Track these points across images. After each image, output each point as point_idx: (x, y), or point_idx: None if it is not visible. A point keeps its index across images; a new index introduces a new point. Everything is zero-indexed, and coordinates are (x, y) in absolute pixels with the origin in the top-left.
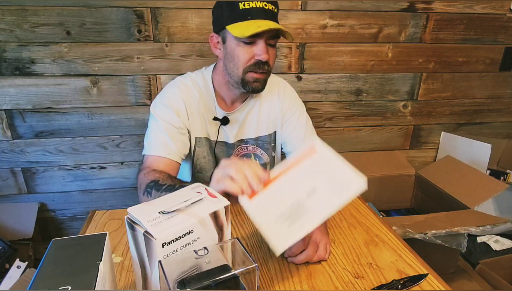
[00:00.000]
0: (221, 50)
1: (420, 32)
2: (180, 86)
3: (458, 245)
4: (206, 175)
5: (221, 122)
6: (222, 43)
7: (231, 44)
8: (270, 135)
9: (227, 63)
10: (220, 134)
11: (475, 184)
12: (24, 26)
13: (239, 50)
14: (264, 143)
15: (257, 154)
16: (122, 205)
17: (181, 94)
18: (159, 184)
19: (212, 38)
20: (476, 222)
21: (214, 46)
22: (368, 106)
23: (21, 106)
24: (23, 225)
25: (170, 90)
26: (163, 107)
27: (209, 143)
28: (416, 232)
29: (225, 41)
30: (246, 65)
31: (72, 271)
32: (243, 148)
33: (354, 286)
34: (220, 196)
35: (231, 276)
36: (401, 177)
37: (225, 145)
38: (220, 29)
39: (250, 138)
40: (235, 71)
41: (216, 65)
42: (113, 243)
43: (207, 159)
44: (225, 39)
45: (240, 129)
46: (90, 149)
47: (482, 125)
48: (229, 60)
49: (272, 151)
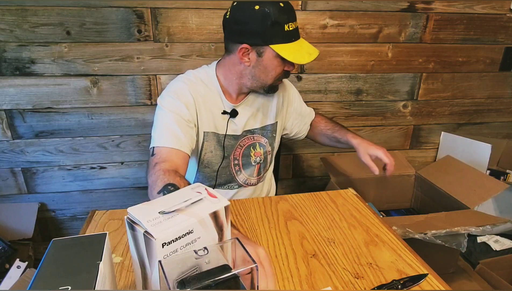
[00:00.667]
0: (251, 60)
1: (420, 32)
2: (185, 81)
3: (458, 245)
4: (213, 168)
5: (230, 115)
6: (256, 56)
7: (270, 59)
8: (273, 125)
9: (256, 72)
10: (229, 127)
11: (475, 184)
12: (24, 26)
13: (277, 65)
14: (268, 132)
15: (261, 143)
16: (122, 205)
17: (188, 88)
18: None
19: (242, 49)
20: (476, 222)
21: (243, 55)
22: (368, 106)
23: (21, 106)
24: (23, 225)
25: (177, 84)
26: (172, 99)
27: (216, 137)
28: (416, 232)
29: (261, 55)
30: (276, 78)
31: (72, 271)
32: (250, 138)
33: (354, 286)
34: (220, 196)
35: (231, 276)
36: (401, 177)
37: (233, 138)
38: (258, 44)
39: (257, 128)
40: (266, 80)
41: (221, 63)
42: (113, 243)
43: (214, 153)
44: (262, 54)
45: (249, 119)
46: (90, 149)
47: (482, 125)
48: (261, 71)
49: (273, 141)
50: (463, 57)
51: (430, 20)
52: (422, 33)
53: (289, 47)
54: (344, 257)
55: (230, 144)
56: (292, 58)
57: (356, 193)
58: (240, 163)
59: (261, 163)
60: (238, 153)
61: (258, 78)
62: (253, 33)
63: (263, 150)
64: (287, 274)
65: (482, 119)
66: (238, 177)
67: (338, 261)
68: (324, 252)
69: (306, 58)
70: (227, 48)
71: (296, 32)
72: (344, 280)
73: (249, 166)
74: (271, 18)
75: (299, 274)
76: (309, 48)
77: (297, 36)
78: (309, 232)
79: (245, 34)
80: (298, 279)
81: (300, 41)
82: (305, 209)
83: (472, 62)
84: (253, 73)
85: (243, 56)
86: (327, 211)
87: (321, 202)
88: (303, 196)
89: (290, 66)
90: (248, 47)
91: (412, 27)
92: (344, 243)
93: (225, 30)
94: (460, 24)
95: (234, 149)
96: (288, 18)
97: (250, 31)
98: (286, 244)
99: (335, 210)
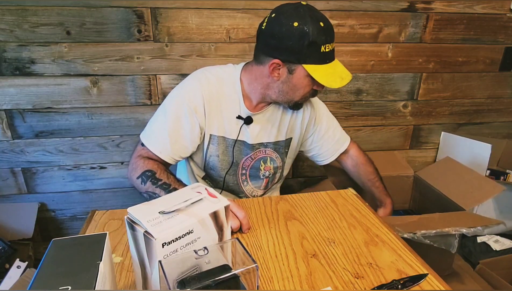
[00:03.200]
0: (281, 75)
1: (420, 32)
2: (202, 79)
3: (448, 245)
4: (218, 173)
5: (244, 121)
6: (287, 72)
7: (300, 78)
8: (286, 140)
9: (284, 88)
10: (241, 133)
11: (472, 186)
12: (24, 26)
13: (306, 84)
14: (280, 148)
15: (273, 158)
16: (122, 205)
17: (201, 88)
18: (156, 178)
19: (274, 64)
20: (468, 223)
21: (273, 70)
22: (368, 106)
23: (21, 106)
24: (23, 225)
25: (191, 83)
26: (178, 100)
27: (225, 142)
28: (405, 232)
29: (292, 73)
30: (306, 95)
31: (72, 271)
32: (262, 151)
33: (354, 286)
34: (220, 196)
35: (231, 276)
36: (399, 177)
37: (243, 144)
38: (291, 61)
39: (270, 142)
40: (293, 97)
41: (248, 68)
42: (113, 243)
43: (221, 157)
44: (293, 71)
45: (262, 131)
46: (90, 149)
47: (482, 125)
48: (289, 88)
49: (284, 156)
50: (463, 57)
51: (430, 20)
52: (422, 33)
53: (322, 69)
54: (344, 257)
55: (240, 151)
56: (324, 81)
57: (356, 193)
58: (247, 173)
59: (270, 177)
60: (247, 164)
61: (286, 94)
62: (288, 50)
63: (273, 165)
64: (287, 274)
65: (482, 119)
66: (245, 187)
67: (338, 261)
68: (324, 252)
69: (338, 83)
70: (258, 58)
71: (332, 53)
72: (344, 280)
73: (257, 178)
74: (309, 38)
75: (299, 274)
76: (343, 72)
77: (332, 58)
78: (309, 232)
79: (280, 49)
80: (298, 279)
81: (334, 63)
82: (305, 209)
83: (472, 62)
84: (280, 88)
85: (273, 70)
86: (327, 211)
87: (321, 202)
88: (303, 196)
89: (319, 86)
90: (280, 63)
91: (412, 27)
92: (344, 243)
93: (258, 40)
94: (460, 24)
95: (244, 158)
96: (326, 39)
97: (285, 48)
98: (286, 244)
99: (335, 210)
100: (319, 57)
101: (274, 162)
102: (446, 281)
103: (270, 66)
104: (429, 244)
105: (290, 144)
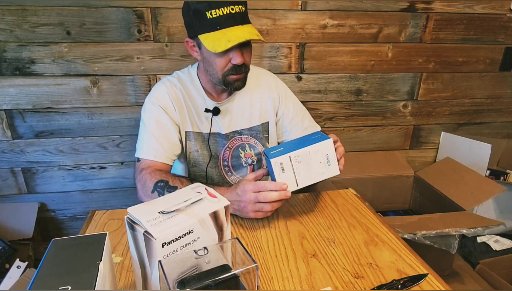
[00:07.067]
0: (198, 53)
1: (420, 32)
2: (166, 83)
3: (447, 246)
4: (201, 168)
5: (212, 113)
6: (198, 49)
7: (206, 51)
8: (263, 125)
9: (206, 66)
10: (213, 125)
11: (472, 186)
12: (24, 26)
13: (215, 58)
14: (257, 133)
15: (251, 144)
16: (122, 205)
17: (167, 90)
18: (170, 186)
19: (187, 42)
20: (468, 223)
21: (191, 49)
22: (368, 106)
23: (21, 106)
24: (23, 225)
25: (157, 88)
26: (151, 106)
27: (201, 137)
28: (405, 232)
29: (200, 47)
30: (224, 70)
31: (72, 271)
32: (238, 139)
33: (354, 286)
34: (220, 196)
35: (231, 276)
36: (399, 178)
37: (218, 136)
38: (193, 36)
39: (244, 129)
40: (215, 75)
41: (199, 64)
42: (113, 243)
43: (200, 152)
44: (200, 45)
45: (233, 119)
46: (90, 149)
47: (482, 125)
48: (207, 64)
49: (265, 141)
50: (463, 57)
51: (430, 20)
52: (422, 33)
53: (212, 35)
54: (344, 257)
55: (216, 143)
56: (210, 47)
57: (356, 193)
58: (229, 164)
59: (255, 164)
60: (227, 155)
61: (211, 73)
62: (187, 26)
63: (254, 151)
64: (287, 274)
65: (482, 119)
66: (230, 178)
67: (338, 261)
68: (324, 252)
69: (222, 46)
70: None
71: (226, 18)
72: (344, 280)
73: (240, 167)
74: (192, 8)
75: (299, 274)
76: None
77: (226, 24)
78: (309, 232)
79: (186, 27)
80: (298, 279)
81: (230, 29)
82: (305, 209)
83: (472, 62)
84: (206, 68)
85: (191, 50)
86: (327, 211)
87: (321, 202)
88: (303, 196)
89: (235, 58)
90: (188, 40)
91: (412, 27)
92: (344, 243)
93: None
94: (460, 24)
95: (222, 149)
96: (210, 5)
97: (186, 25)
98: (286, 244)
99: (335, 210)
100: (208, 24)
101: (254, 149)
102: (446, 281)
103: (187, 46)
104: (429, 245)
105: (268, 129)
